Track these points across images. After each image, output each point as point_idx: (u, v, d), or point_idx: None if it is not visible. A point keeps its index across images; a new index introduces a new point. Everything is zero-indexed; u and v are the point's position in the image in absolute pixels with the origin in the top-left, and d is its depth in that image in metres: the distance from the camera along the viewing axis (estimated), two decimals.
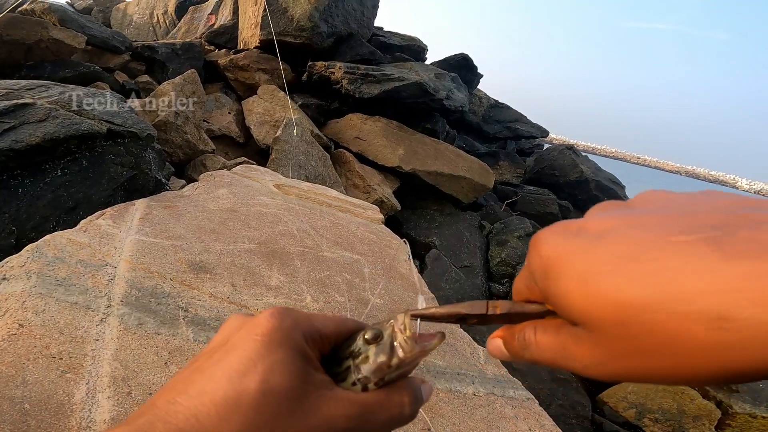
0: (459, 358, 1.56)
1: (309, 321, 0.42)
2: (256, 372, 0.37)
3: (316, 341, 0.42)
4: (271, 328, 0.39)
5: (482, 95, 11.03)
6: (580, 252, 0.31)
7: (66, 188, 2.09)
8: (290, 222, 2.08)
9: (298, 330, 0.40)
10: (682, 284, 0.27)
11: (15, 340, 1.08)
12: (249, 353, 0.38)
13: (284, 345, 0.39)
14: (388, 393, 0.42)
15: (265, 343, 0.38)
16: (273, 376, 0.37)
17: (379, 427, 0.41)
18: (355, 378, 0.42)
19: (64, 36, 5.66)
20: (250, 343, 0.39)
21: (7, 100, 2.17)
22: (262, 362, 0.37)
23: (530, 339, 0.37)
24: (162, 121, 4.25)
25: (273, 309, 0.41)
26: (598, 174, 9.43)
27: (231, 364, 0.38)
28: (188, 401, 0.36)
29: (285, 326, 0.40)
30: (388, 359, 0.41)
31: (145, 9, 11.56)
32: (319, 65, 7.14)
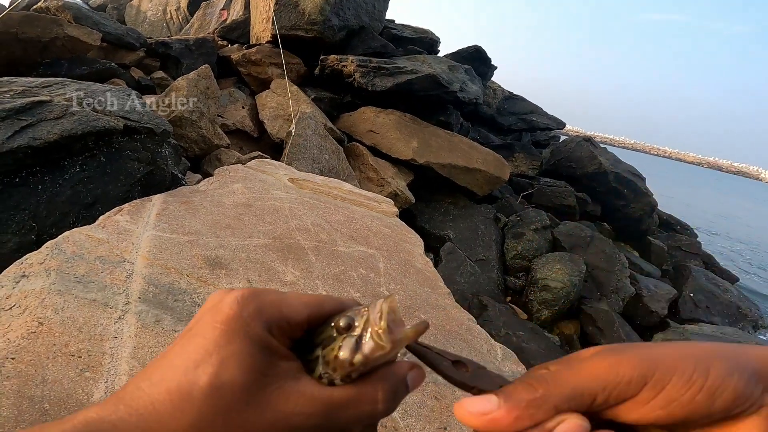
0: (476, 355, 1.55)
1: (276, 307, 0.40)
2: (210, 364, 0.36)
3: (284, 328, 0.40)
4: (231, 316, 0.38)
5: (496, 87, 10.94)
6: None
7: (84, 184, 2.11)
8: (304, 216, 2.08)
9: (260, 319, 0.39)
10: None
11: (35, 338, 1.09)
12: (206, 342, 0.37)
13: (242, 335, 0.37)
14: (358, 388, 0.39)
15: (223, 333, 0.37)
16: (225, 369, 0.36)
17: (347, 424, 0.39)
18: (321, 371, 0.39)
19: (79, 33, 5.70)
20: (209, 331, 0.38)
21: (24, 98, 2.19)
22: (216, 354, 0.37)
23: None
24: (177, 117, 4.27)
25: (239, 293, 0.40)
26: (618, 166, 9.30)
27: (189, 353, 0.37)
28: (149, 387, 0.36)
29: (245, 315, 0.38)
30: (351, 356, 0.38)
31: (158, 5, 11.63)
32: (332, 59, 7.12)
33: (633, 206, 8.95)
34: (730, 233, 20.78)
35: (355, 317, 0.40)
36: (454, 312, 1.77)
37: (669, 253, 8.65)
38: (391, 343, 0.38)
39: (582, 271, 5.89)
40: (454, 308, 1.79)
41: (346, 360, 0.38)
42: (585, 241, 6.68)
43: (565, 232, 6.83)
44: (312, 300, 0.42)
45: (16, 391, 0.96)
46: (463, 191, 7.01)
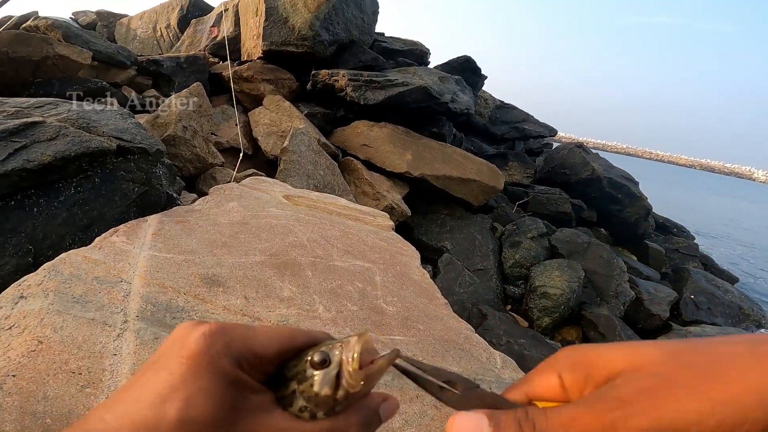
0: (475, 364, 1.55)
1: (245, 342, 0.40)
2: (177, 399, 0.36)
3: (254, 363, 0.40)
4: (198, 352, 0.38)
5: (487, 97, 11.02)
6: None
7: (80, 206, 2.11)
8: (300, 233, 2.09)
9: (228, 355, 0.38)
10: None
11: (35, 356, 1.09)
12: (173, 377, 0.37)
13: (210, 371, 0.37)
14: (332, 422, 0.40)
15: (191, 368, 0.37)
16: (194, 404, 0.36)
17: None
18: (301, 405, 0.39)
19: (69, 52, 5.73)
20: (176, 366, 0.37)
21: (17, 119, 2.20)
22: (184, 389, 0.36)
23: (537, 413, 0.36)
24: (171, 136, 4.28)
25: (206, 328, 0.40)
26: (610, 171, 9.36)
27: (154, 387, 0.37)
28: (113, 420, 0.35)
29: (213, 351, 0.38)
30: (333, 392, 0.39)
31: (148, 23, 11.67)
32: (323, 73, 7.17)
33: (628, 211, 9.00)
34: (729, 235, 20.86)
35: (330, 353, 0.40)
36: (452, 322, 1.77)
37: (667, 255, 8.69)
38: (364, 375, 0.38)
39: (580, 277, 5.91)
40: (451, 318, 1.80)
41: (329, 396, 0.38)
42: (582, 248, 6.70)
43: (562, 239, 6.86)
44: (282, 333, 0.43)
45: (18, 407, 0.96)
46: (459, 202, 7.03)
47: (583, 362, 0.38)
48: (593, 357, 0.38)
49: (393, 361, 0.40)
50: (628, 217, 9.01)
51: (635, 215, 9.01)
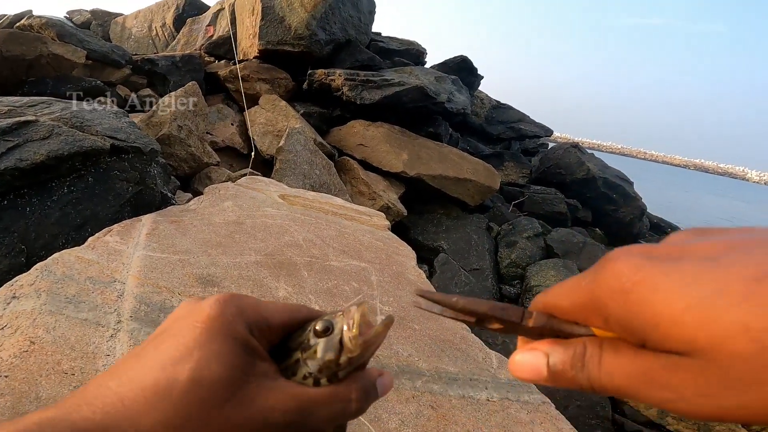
0: (471, 364, 1.55)
1: (256, 309, 0.41)
2: (191, 360, 0.36)
3: (263, 331, 0.41)
4: (212, 316, 0.38)
5: (484, 96, 11.03)
6: (690, 278, 0.27)
7: (73, 206, 2.10)
8: (296, 232, 2.08)
9: (241, 319, 0.39)
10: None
11: (27, 357, 1.08)
12: (186, 341, 0.37)
13: (224, 334, 0.38)
14: (334, 388, 0.40)
15: (204, 331, 0.37)
16: (207, 365, 0.36)
17: (321, 422, 0.39)
18: (305, 372, 0.41)
19: (63, 51, 5.70)
20: (188, 331, 0.38)
21: (10, 118, 2.18)
22: (198, 350, 0.36)
23: (593, 358, 0.31)
24: (165, 135, 4.26)
25: (219, 296, 0.40)
26: (606, 171, 9.39)
27: (166, 351, 0.37)
28: (117, 386, 0.35)
29: (227, 314, 0.39)
30: (336, 356, 0.40)
31: (143, 22, 11.62)
32: (319, 73, 7.16)
33: (623, 210, 9.02)
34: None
35: (332, 321, 0.41)
36: (447, 322, 1.77)
37: None
38: (363, 342, 0.40)
39: None
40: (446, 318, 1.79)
41: (333, 360, 0.40)
42: (578, 247, 6.71)
43: (558, 238, 6.87)
44: (289, 306, 0.44)
45: (10, 407, 0.95)
46: (455, 202, 7.03)
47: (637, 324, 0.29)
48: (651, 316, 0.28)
49: (389, 326, 0.41)
50: (623, 217, 9.03)
51: (630, 215, 9.04)
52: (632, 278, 0.29)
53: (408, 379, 1.38)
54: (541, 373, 0.34)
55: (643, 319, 0.28)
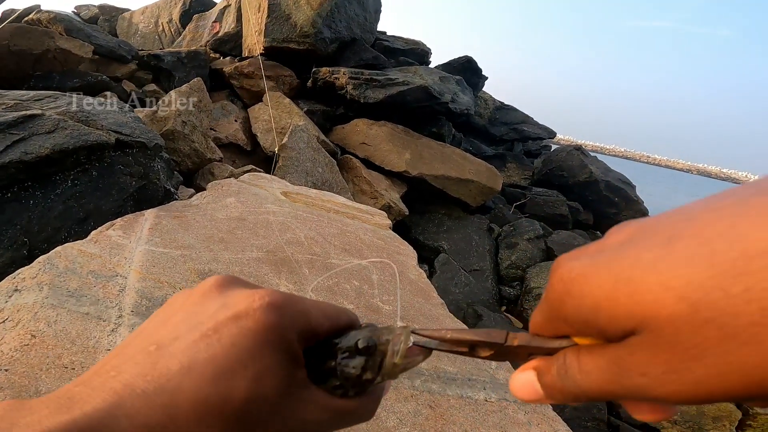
0: (470, 364, 1.55)
1: (306, 318, 0.38)
2: (246, 377, 0.33)
3: (308, 339, 0.39)
4: (267, 326, 0.35)
5: (487, 97, 11.02)
6: (610, 260, 0.28)
7: (77, 199, 2.11)
8: (298, 230, 2.08)
9: (294, 330, 0.37)
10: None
11: (28, 350, 1.08)
12: (239, 352, 0.34)
13: (279, 348, 0.35)
14: (361, 401, 0.41)
15: (259, 343, 0.34)
16: (263, 382, 0.34)
17: (342, 427, 0.40)
18: (336, 383, 0.40)
19: (71, 46, 5.71)
20: (241, 339, 0.34)
21: (16, 111, 2.19)
22: (253, 365, 0.34)
23: (572, 363, 0.31)
24: (169, 130, 4.27)
25: (271, 298, 0.37)
26: (608, 174, 9.38)
27: (217, 361, 0.33)
28: (162, 397, 0.32)
29: (283, 325, 0.36)
30: (373, 377, 0.40)
31: (150, 18, 11.64)
32: (324, 71, 7.17)
33: (624, 214, 9.01)
34: None
35: (376, 341, 0.41)
36: (447, 322, 1.77)
37: None
38: (401, 371, 0.40)
39: None
40: (447, 318, 1.80)
41: (369, 380, 0.40)
42: None
43: (559, 241, 6.86)
44: (333, 312, 0.42)
45: None
46: (457, 202, 7.03)
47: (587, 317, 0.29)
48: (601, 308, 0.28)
49: (426, 358, 0.42)
50: (624, 220, 8.98)
51: (631, 219, 9.02)
52: (572, 275, 0.29)
53: (407, 377, 1.39)
54: (536, 391, 0.34)
55: (588, 310, 0.28)
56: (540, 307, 0.34)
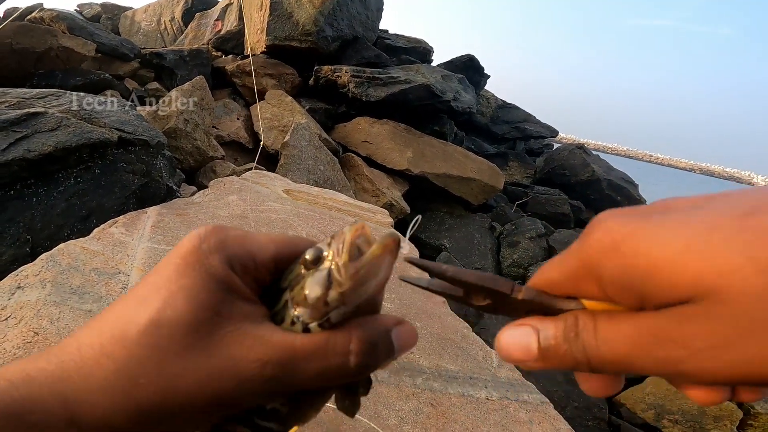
0: (471, 362, 1.56)
1: (241, 242, 0.35)
2: (156, 300, 0.31)
3: (248, 266, 0.34)
4: (188, 250, 0.33)
5: (490, 96, 11.00)
6: (680, 223, 0.25)
7: (79, 197, 2.11)
8: (300, 227, 2.09)
9: (221, 252, 0.33)
10: None
11: (30, 348, 1.09)
12: (157, 279, 0.32)
13: (198, 269, 0.32)
14: (326, 336, 0.32)
15: (177, 267, 0.32)
16: (171, 304, 0.31)
17: (309, 378, 0.32)
18: (293, 315, 0.33)
19: (73, 44, 5.71)
20: (164, 268, 0.33)
21: (19, 109, 2.20)
22: (165, 288, 0.31)
23: (587, 327, 0.29)
24: (172, 128, 4.28)
25: (202, 228, 0.35)
26: (610, 173, 9.36)
27: (136, 291, 0.32)
28: (81, 333, 0.31)
29: (204, 248, 0.33)
30: (324, 293, 0.32)
31: (152, 16, 11.65)
32: (326, 69, 7.16)
33: None
34: None
35: (324, 248, 0.33)
36: (449, 320, 1.77)
37: None
38: (355, 275, 0.31)
39: None
40: (449, 316, 1.80)
41: (319, 298, 0.32)
42: None
43: (561, 240, 6.85)
44: (282, 238, 0.37)
45: None
46: (459, 201, 7.03)
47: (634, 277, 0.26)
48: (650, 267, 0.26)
49: (389, 248, 0.31)
50: None
51: None
52: (622, 230, 0.27)
53: (408, 376, 1.39)
54: (530, 350, 0.31)
55: (640, 270, 0.26)
56: (561, 262, 0.31)
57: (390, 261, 0.32)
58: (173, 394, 0.30)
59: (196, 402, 0.30)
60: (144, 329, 0.30)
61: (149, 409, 0.30)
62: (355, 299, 0.32)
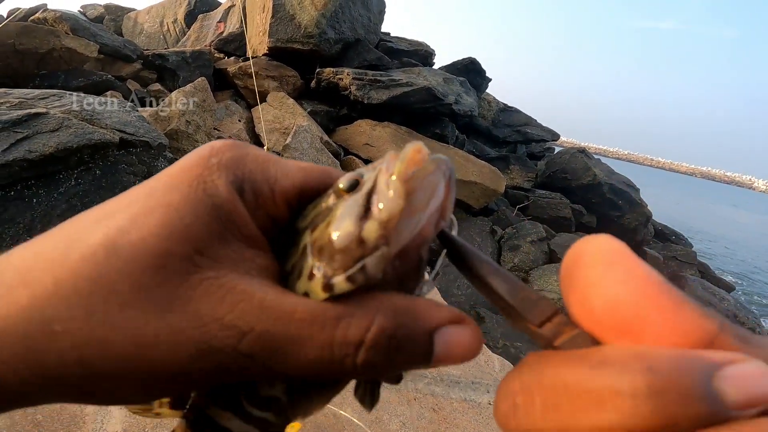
0: (473, 367, 1.55)
1: (262, 164, 0.26)
2: (122, 216, 0.22)
3: (264, 198, 0.26)
4: (192, 161, 0.25)
5: (491, 99, 11.00)
6: None
7: (80, 198, 2.11)
8: None
9: (232, 171, 0.25)
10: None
11: None
12: (139, 190, 0.24)
13: (193, 186, 0.23)
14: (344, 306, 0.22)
15: (170, 180, 0.24)
16: (141, 224, 0.22)
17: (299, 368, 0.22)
18: (311, 266, 0.23)
19: (76, 45, 5.72)
20: (154, 179, 0.25)
21: (21, 110, 2.19)
22: (142, 204, 0.23)
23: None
24: (173, 130, 4.28)
25: (223, 141, 0.27)
26: (612, 177, 9.36)
27: (106, 203, 0.24)
28: (17, 250, 0.23)
29: (213, 162, 0.25)
30: (358, 225, 0.22)
31: (155, 17, 11.68)
32: (327, 71, 7.17)
33: (628, 217, 8.98)
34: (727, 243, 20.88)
35: (365, 173, 0.25)
36: None
37: (665, 263, 8.68)
38: (406, 196, 0.21)
39: None
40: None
41: (351, 233, 0.22)
42: None
43: (561, 243, 6.85)
44: (313, 167, 0.28)
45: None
46: (460, 204, 7.02)
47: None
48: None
49: (443, 169, 0.23)
50: (627, 223, 9.00)
51: (635, 222, 9.00)
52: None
53: (410, 380, 1.38)
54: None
55: None
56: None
57: (444, 190, 0.23)
58: (102, 355, 0.20)
59: (135, 369, 0.21)
60: (91, 253, 0.21)
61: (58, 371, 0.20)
62: (403, 236, 0.22)
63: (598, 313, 0.19)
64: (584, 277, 0.20)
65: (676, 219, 17.44)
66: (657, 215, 10.32)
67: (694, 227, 20.75)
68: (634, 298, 0.18)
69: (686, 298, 0.18)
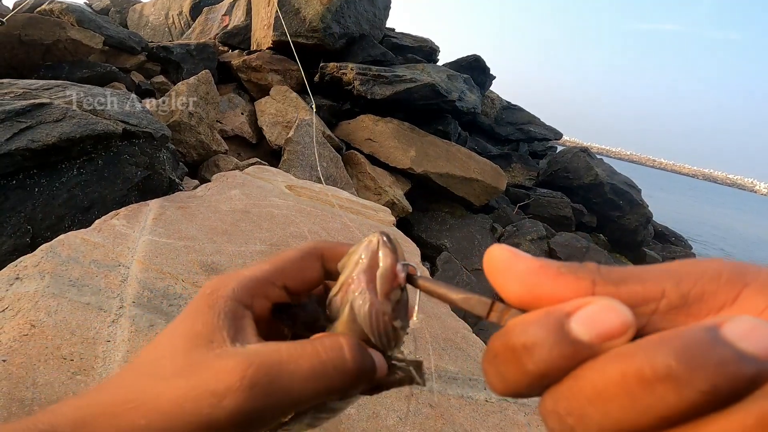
0: (471, 363, 1.55)
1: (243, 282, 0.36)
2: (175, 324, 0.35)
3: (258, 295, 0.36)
4: (201, 294, 0.36)
5: (494, 97, 10.98)
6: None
7: (81, 188, 2.11)
8: (302, 224, 2.08)
9: (233, 289, 0.35)
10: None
11: (27, 340, 1.08)
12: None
13: (209, 304, 0.35)
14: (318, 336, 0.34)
15: (190, 311, 0.35)
16: (178, 324, 0.34)
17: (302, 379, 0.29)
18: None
19: (81, 36, 5.72)
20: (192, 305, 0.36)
21: (24, 100, 2.19)
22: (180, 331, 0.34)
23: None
24: (176, 122, 4.28)
25: (214, 278, 0.37)
26: (613, 177, 9.35)
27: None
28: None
29: (210, 291, 0.36)
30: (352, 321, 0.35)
31: (160, 10, 11.66)
32: (331, 66, 7.15)
33: (628, 217, 8.98)
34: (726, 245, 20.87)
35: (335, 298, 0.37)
36: (449, 321, 1.76)
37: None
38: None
39: None
40: (449, 317, 1.79)
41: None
42: (581, 252, 6.70)
43: (561, 242, 6.85)
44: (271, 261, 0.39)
45: (6, 393, 0.95)
46: (460, 201, 7.02)
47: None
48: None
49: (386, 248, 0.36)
50: (628, 223, 9.00)
51: (635, 222, 9.00)
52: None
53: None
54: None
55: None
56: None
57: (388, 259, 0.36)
58: (152, 414, 0.28)
59: (174, 424, 0.28)
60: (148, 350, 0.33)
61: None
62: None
63: (516, 295, 0.26)
64: (499, 275, 0.27)
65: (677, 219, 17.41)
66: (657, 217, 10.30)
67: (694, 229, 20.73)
68: (532, 279, 0.25)
69: (567, 268, 0.25)
